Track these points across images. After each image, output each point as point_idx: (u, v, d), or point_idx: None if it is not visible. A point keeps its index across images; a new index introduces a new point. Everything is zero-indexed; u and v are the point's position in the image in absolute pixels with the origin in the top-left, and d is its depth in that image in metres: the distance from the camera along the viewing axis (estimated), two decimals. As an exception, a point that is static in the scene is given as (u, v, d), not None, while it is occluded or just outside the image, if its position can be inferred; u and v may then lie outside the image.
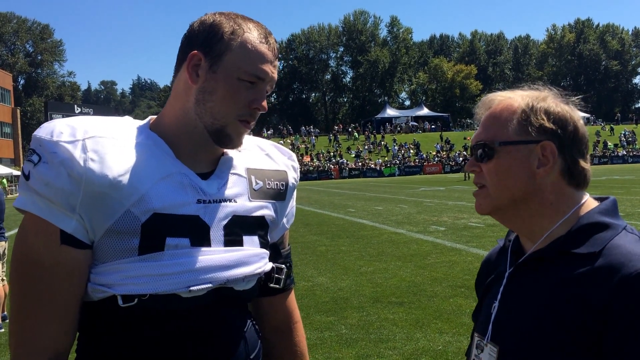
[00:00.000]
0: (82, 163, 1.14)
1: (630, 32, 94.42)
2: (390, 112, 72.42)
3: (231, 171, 1.33)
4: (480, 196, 1.19)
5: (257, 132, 68.99)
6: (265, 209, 1.35)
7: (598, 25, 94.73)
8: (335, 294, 6.91)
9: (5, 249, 6.67)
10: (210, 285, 1.21)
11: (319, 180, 49.88)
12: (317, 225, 14.05)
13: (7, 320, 6.55)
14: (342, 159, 55.80)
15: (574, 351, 1.02)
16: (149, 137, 1.26)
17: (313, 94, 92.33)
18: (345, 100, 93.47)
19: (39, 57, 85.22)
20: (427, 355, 4.68)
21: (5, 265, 6.69)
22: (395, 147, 58.91)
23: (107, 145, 1.18)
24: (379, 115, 71.09)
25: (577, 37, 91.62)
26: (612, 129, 65.02)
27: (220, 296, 1.25)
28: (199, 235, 1.22)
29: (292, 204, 1.49)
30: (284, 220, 1.46)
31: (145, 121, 1.34)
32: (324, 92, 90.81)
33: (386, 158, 56.77)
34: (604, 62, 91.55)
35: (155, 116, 1.35)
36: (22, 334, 1.18)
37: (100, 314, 1.21)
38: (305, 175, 51.45)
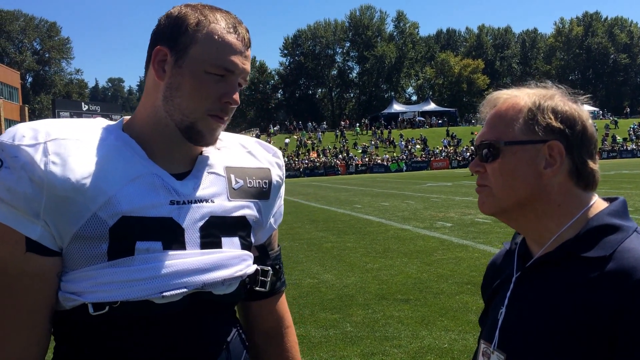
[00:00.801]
0: (42, 166, 1.10)
1: (639, 25, 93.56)
2: (397, 107, 72.25)
3: (208, 170, 1.28)
4: (483, 194, 1.15)
5: (263, 129, 69.17)
6: (246, 209, 1.30)
7: (606, 18, 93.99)
8: (340, 291, 6.88)
9: None
10: (185, 290, 1.16)
11: (325, 176, 49.85)
12: (323, 222, 14.03)
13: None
14: (349, 154, 55.72)
15: (584, 358, 0.99)
16: (118, 138, 1.22)
17: (319, 90, 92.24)
18: (351, 95, 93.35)
19: (47, 55, 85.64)
20: (433, 353, 4.64)
21: None
22: (402, 143, 58.76)
23: (70, 147, 1.14)
24: (386, 111, 70.95)
25: (585, 31, 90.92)
26: (615, 122, 64.48)
27: (198, 301, 1.20)
28: (172, 238, 1.17)
29: (279, 202, 1.43)
30: (271, 220, 1.40)
31: (117, 121, 1.30)
32: (330, 87, 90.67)
33: (394, 154, 56.64)
34: (612, 56, 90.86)
35: (129, 116, 1.31)
36: None
37: (72, 323, 1.17)
38: (312, 171, 51.45)
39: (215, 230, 1.23)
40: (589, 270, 1.03)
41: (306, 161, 54.22)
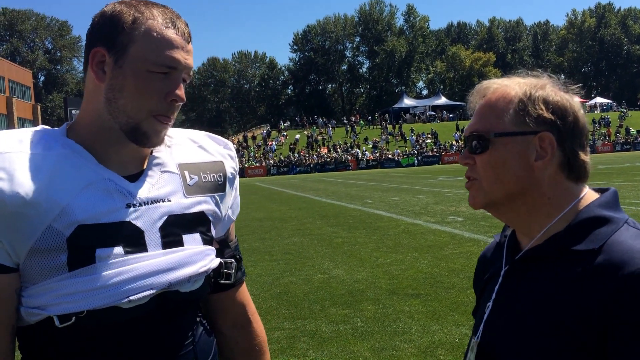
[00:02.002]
0: None
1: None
2: (408, 101, 72.03)
3: (161, 169, 1.26)
4: (473, 188, 1.12)
5: (274, 125, 69.26)
6: (203, 204, 1.29)
7: (619, 9, 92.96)
8: (351, 287, 6.87)
9: None
10: (152, 291, 1.15)
11: (336, 171, 49.82)
12: (333, 217, 14.01)
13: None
14: (359, 149, 55.63)
15: (573, 353, 0.98)
16: (65, 146, 1.18)
17: (329, 85, 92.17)
18: (362, 90, 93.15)
19: (58, 54, 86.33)
20: (444, 348, 4.62)
21: None
22: (413, 137, 58.56)
23: (15, 160, 1.11)
24: (396, 105, 70.71)
25: (598, 22, 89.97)
26: (622, 114, 63.72)
27: (166, 301, 1.19)
28: (133, 242, 1.16)
29: (235, 194, 1.42)
30: (229, 212, 1.39)
31: (60, 128, 1.25)
32: (340, 83, 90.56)
33: (405, 149, 56.48)
34: (625, 47, 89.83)
35: (70, 122, 1.28)
36: None
37: (39, 338, 1.15)
38: (322, 166, 51.45)
39: (175, 229, 1.22)
40: (578, 263, 1.01)
41: (316, 157, 54.21)
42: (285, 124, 67.50)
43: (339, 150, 56.36)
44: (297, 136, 60.95)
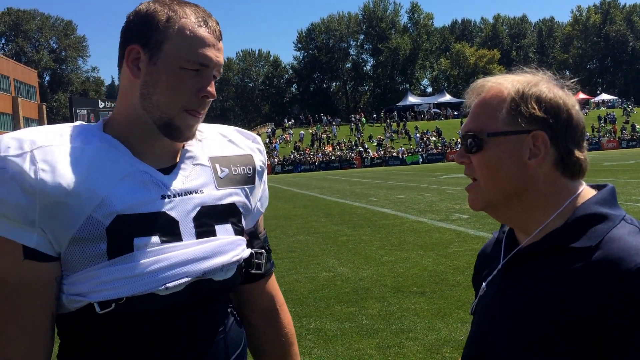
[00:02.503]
0: (33, 175, 1.11)
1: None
2: (412, 99, 71.84)
3: (194, 162, 1.30)
4: (472, 191, 1.13)
5: (278, 123, 69.28)
6: (234, 196, 1.33)
7: (624, 5, 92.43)
8: (356, 284, 6.87)
9: None
10: (187, 279, 1.19)
11: (340, 169, 49.80)
12: (338, 215, 14.02)
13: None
14: (363, 148, 55.58)
15: (568, 350, 0.97)
16: (102, 139, 1.22)
17: (334, 83, 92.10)
18: (366, 88, 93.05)
19: (63, 53, 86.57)
20: (449, 345, 4.61)
21: None
22: (418, 135, 58.46)
23: (57, 153, 1.15)
24: (401, 103, 70.58)
25: (603, 18, 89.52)
26: (626, 110, 63.41)
27: (200, 289, 1.23)
28: (168, 231, 1.20)
29: (264, 187, 1.46)
30: (258, 204, 1.44)
31: (97, 123, 1.30)
32: (344, 81, 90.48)
33: (410, 146, 56.38)
34: (631, 43, 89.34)
35: (107, 118, 1.32)
36: None
37: (79, 324, 1.19)
38: (327, 164, 51.42)
39: (207, 219, 1.26)
40: (574, 260, 1.01)
41: (321, 155, 54.19)
42: (290, 122, 67.48)
43: (343, 148, 56.32)
44: (302, 133, 60.94)
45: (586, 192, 1.10)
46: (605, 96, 72.63)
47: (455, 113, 67.87)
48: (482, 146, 1.09)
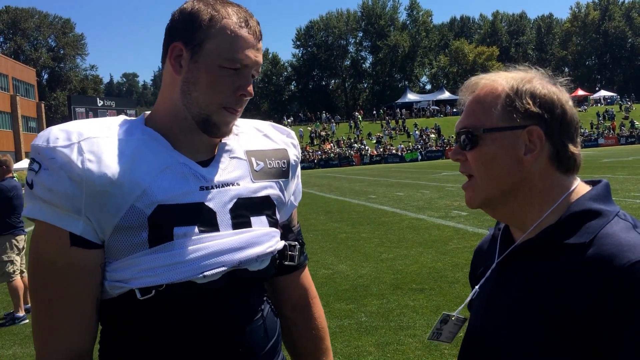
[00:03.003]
0: (80, 165, 1.16)
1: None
2: (411, 96, 71.83)
3: (230, 155, 1.34)
4: (469, 189, 1.13)
5: (277, 120, 69.21)
6: (269, 189, 1.37)
7: (623, 2, 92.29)
8: (355, 282, 6.88)
9: (24, 241, 6.79)
10: (224, 268, 1.23)
11: (340, 167, 49.79)
12: (337, 213, 14.02)
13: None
14: (363, 144, 55.54)
15: (563, 346, 0.98)
16: (144, 132, 1.27)
17: (333, 81, 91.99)
18: (365, 86, 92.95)
19: (62, 52, 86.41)
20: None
21: (24, 257, 6.82)
22: (417, 132, 58.43)
23: (102, 144, 1.20)
24: (400, 100, 70.55)
25: (601, 15, 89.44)
26: (625, 108, 63.42)
27: (236, 278, 1.26)
28: (206, 221, 1.24)
29: (298, 181, 1.50)
30: (292, 198, 1.48)
31: (139, 117, 1.35)
32: (343, 78, 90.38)
33: (409, 143, 56.36)
34: (630, 40, 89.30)
35: (149, 112, 1.36)
36: (42, 335, 1.22)
37: (121, 309, 1.24)
38: (326, 162, 51.40)
39: (243, 211, 1.29)
40: (568, 257, 1.01)
41: (320, 152, 54.15)
42: (289, 120, 67.43)
43: (343, 145, 56.29)
44: (301, 130, 60.92)
45: (581, 187, 1.10)
46: (604, 92, 72.61)
47: (454, 110, 67.84)
48: (477, 142, 1.09)
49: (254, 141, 1.40)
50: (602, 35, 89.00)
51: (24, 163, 48.32)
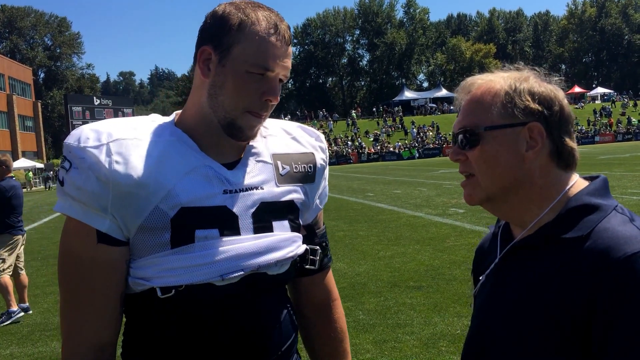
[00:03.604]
0: (107, 166, 1.19)
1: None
2: (409, 94, 71.78)
3: (256, 159, 1.35)
4: (469, 186, 1.13)
5: (275, 118, 69.04)
6: (294, 193, 1.37)
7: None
8: (352, 280, 6.89)
9: (23, 241, 6.78)
10: (242, 272, 1.24)
11: (337, 165, 49.78)
12: (335, 211, 14.02)
13: (30, 312, 6.68)
14: (360, 142, 55.52)
15: (559, 339, 0.98)
16: (172, 134, 1.29)
17: (330, 79, 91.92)
18: (362, 83, 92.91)
19: (58, 50, 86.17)
20: (445, 339, 4.63)
21: (22, 256, 6.81)
22: (414, 130, 58.44)
23: (130, 146, 1.22)
24: (397, 98, 70.52)
25: (598, 12, 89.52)
26: (622, 105, 63.55)
27: (255, 282, 1.27)
28: (228, 225, 1.25)
29: (324, 184, 1.50)
30: (317, 201, 1.47)
31: (170, 117, 1.37)
32: (341, 76, 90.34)
33: (406, 141, 56.37)
34: (626, 37, 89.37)
35: (180, 111, 1.38)
36: (68, 327, 1.26)
37: (142, 305, 1.27)
38: (324, 160, 51.27)
39: (266, 215, 1.30)
40: (566, 251, 1.02)
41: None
42: (287, 118, 67.39)
43: (340, 143, 56.28)
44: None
45: (579, 183, 1.11)
46: (601, 89, 72.72)
47: (452, 107, 67.74)
48: (478, 141, 1.09)
49: (281, 144, 1.40)
50: (599, 32, 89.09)
51: (21, 162, 48.25)
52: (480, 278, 1.20)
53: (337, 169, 42.45)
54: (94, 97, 65.55)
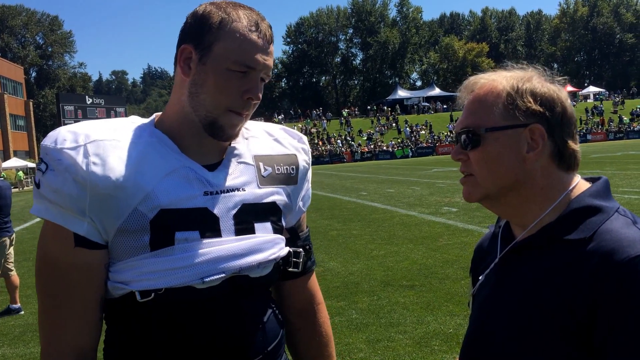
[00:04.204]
0: (84, 167, 1.17)
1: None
2: (402, 93, 71.92)
3: (238, 160, 1.33)
4: (468, 184, 1.13)
5: (268, 118, 69.10)
6: (276, 195, 1.36)
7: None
8: (346, 279, 6.89)
9: (13, 241, 6.72)
10: (223, 274, 1.23)
11: (331, 164, 49.81)
12: (328, 210, 14.03)
13: (22, 312, 6.64)
14: (353, 140, 55.55)
15: (560, 340, 0.98)
16: (152, 135, 1.27)
17: (323, 78, 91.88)
18: (355, 82, 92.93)
19: (50, 49, 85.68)
20: (438, 338, 4.64)
21: (12, 256, 6.75)
22: (407, 129, 58.53)
23: (108, 147, 1.21)
24: (390, 97, 70.62)
25: (590, 11, 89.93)
26: (614, 103, 63.93)
27: (236, 285, 1.26)
28: (209, 227, 1.24)
29: (307, 186, 1.49)
30: (300, 203, 1.46)
31: (150, 119, 1.35)
32: (334, 75, 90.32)
33: (399, 140, 56.46)
34: (618, 36, 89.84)
35: (160, 113, 1.36)
36: (47, 334, 1.24)
37: (122, 310, 1.25)
38: (317, 159, 51.37)
39: (247, 217, 1.29)
40: (568, 253, 1.02)
41: (311, 149, 54.09)
42: (280, 117, 67.30)
43: (334, 142, 56.29)
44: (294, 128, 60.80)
45: (581, 184, 1.11)
46: (592, 88, 73.09)
47: (445, 107, 68.03)
48: (480, 142, 1.09)
49: (263, 146, 1.39)
50: (591, 31, 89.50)
51: (13, 162, 47.95)
52: (480, 278, 1.20)
53: (331, 167, 42.46)
54: (86, 96, 65.23)
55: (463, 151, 1.12)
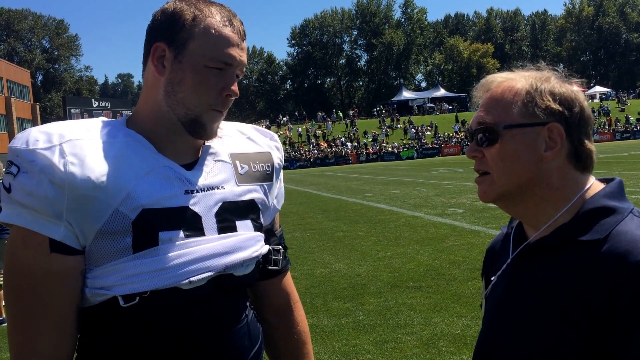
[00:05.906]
0: (62, 168, 1.12)
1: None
2: (407, 94, 71.80)
3: (215, 158, 1.32)
4: (484, 183, 1.13)
5: (273, 120, 69.15)
6: (254, 192, 1.35)
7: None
8: (352, 280, 6.89)
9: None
10: (210, 273, 1.21)
11: (336, 165, 49.78)
12: (334, 211, 14.03)
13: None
14: (358, 142, 55.52)
15: (575, 341, 0.98)
16: (127, 135, 1.24)
17: (328, 79, 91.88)
18: (360, 84, 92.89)
19: (56, 53, 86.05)
20: (446, 339, 4.64)
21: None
22: (413, 130, 58.44)
23: (85, 147, 1.16)
24: (395, 98, 70.53)
25: (596, 11, 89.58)
26: (622, 100, 63.61)
27: (221, 284, 1.25)
28: (192, 226, 1.22)
29: (280, 184, 1.49)
30: (274, 201, 1.46)
31: (121, 119, 1.32)
32: (339, 76, 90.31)
33: (404, 141, 56.37)
34: (624, 35, 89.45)
35: (130, 114, 1.33)
36: (19, 346, 1.17)
37: (102, 318, 1.20)
38: (322, 160, 51.37)
39: (229, 215, 1.27)
40: (582, 254, 1.01)
41: (316, 151, 54.09)
42: (285, 119, 67.34)
43: (338, 143, 56.26)
44: (299, 129, 60.84)
45: (595, 185, 1.11)
46: (599, 88, 72.79)
47: (450, 108, 67.89)
48: (497, 139, 1.09)
49: (238, 144, 1.38)
50: (597, 31, 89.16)
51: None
52: (492, 279, 1.19)
53: (336, 169, 42.44)
54: (93, 99, 65.57)
55: (478, 148, 1.12)
